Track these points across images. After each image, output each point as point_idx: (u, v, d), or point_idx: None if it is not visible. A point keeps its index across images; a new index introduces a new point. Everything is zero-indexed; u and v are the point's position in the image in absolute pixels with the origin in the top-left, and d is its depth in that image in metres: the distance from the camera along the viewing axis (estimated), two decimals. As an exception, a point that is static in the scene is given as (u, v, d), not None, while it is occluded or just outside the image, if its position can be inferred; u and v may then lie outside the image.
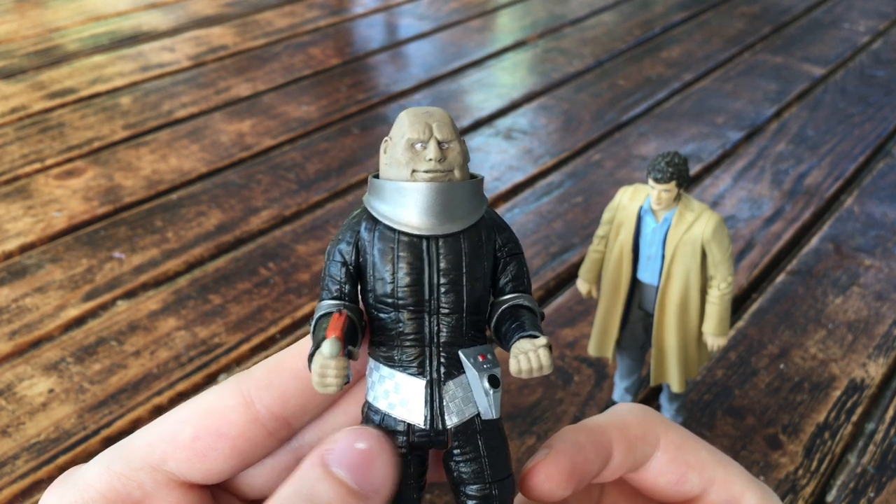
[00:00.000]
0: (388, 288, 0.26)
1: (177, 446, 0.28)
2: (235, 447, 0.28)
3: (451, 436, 0.26)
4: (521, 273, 0.27)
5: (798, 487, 0.62)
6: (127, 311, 0.79)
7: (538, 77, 1.39)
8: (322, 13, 1.66)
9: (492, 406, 0.26)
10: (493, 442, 0.27)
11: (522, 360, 0.25)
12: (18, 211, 0.95)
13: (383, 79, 1.39)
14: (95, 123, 1.17)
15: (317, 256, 0.88)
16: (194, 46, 1.47)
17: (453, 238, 0.26)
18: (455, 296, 0.26)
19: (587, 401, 0.69)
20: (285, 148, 1.12)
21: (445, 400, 0.26)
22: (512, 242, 0.27)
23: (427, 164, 0.26)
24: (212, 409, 0.28)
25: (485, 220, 0.27)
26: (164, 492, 0.28)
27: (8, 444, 0.65)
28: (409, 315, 0.26)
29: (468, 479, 0.27)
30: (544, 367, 0.24)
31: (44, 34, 1.50)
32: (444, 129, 0.26)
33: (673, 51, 1.50)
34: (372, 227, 0.26)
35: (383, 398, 0.27)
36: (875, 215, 0.99)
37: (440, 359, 0.26)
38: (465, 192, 0.26)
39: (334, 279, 0.27)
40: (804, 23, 1.65)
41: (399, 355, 0.26)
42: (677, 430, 0.29)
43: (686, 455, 0.29)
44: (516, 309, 0.27)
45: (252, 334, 0.76)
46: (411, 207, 0.26)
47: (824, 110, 1.27)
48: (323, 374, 0.24)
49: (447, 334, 0.26)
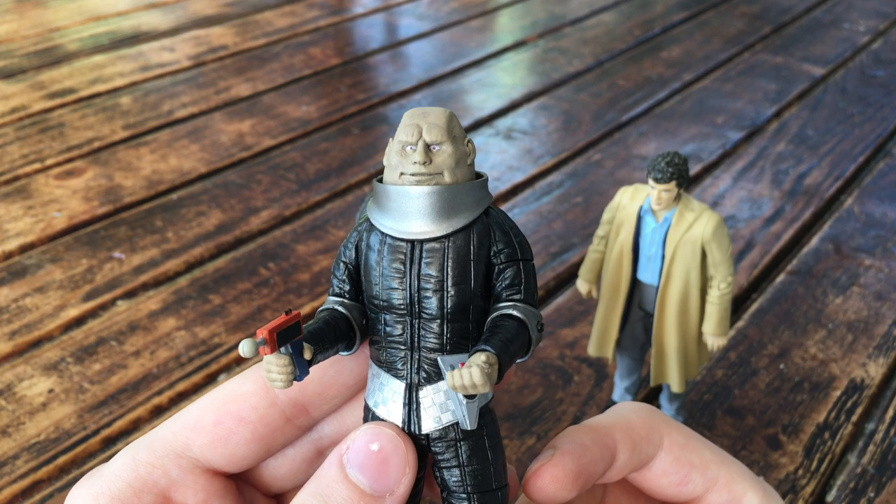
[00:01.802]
0: (374, 290, 0.26)
1: (199, 432, 0.28)
2: (256, 431, 0.28)
3: (431, 442, 0.26)
4: (517, 280, 0.26)
5: (798, 487, 0.62)
6: (127, 311, 0.79)
7: (538, 77, 1.39)
8: (322, 13, 1.66)
9: (466, 416, 0.25)
10: (476, 453, 0.26)
11: (456, 375, 0.23)
12: (18, 211, 0.95)
13: (383, 79, 1.39)
14: (95, 123, 1.17)
15: (317, 256, 0.88)
16: (194, 46, 1.47)
17: (438, 242, 0.25)
18: (437, 301, 0.25)
19: (587, 401, 0.69)
20: (285, 148, 1.12)
21: (423, 405, 0.26)
22: (510, 248, 0.26)
23: (413, 166, 0.25)
24: (232, 395, 0.29)
25: (482, 222, 0.26)
26: (190, 478, 0.28)
27: (8, 444, 0.65)
28: (394, 318, 0.26)
29: (450, 488, 0.26)
30: (477, 386, 0.23)
31: (44, 34, 1.50)
32: (434, 131, 0.26)
33: (673, 51, 1.50)
34: (369, 228, 0.26)
35: (372, 396, 0.27)
36: (875, 215, 0.99)
37: (421, 363, 0.26)
38: (455, 195, 0.26)
39: (337, 277, 0.27)
40: (804, 23, 1.65)
41: (385, 356, 0.26)
42: (681, 429, 0.29)
43: (689, 455, 0.29)
44: (500, 318, 0.26)
45: (252, 334, 0.76)
46: (398, 211, 0.26)
47: (824, 110, 1.27)
48: (268, 371, 0.24)
49: (429, 339, 0.26)
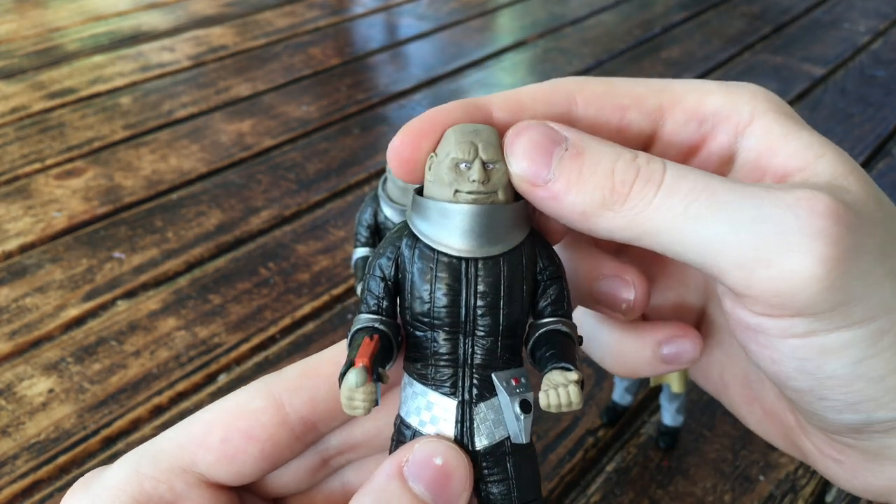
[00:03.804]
0: (425, 307, 0.26)
1: (206, 448, 0.28)
2: (264, 451, 0.28)
3: (481, 457, 0.26)
4: (561, 296, 0.27)
5: (798, 487, 0.62)
6: (127, 311, 0.79)
7: (538, 77, 1.39)
8: (322, 13, 1.66)
9: (522, 431, 0.25)
10: (523, 465, 0.26)
11: (552, 395, 0.24)
12: (18, 211, 0.95)
13: (383, 79, 1.39)
14: (95, 123, 1.17)
15: (317, 256, 0.88)
16: (194, 46, 1.47)
17: (493, 261, 0.25)
18: (491, 319, 0.26)
19: (587, 401, 0.69)
20: (285, 148, 1.12)
21: (476, 421, 0.26)
22: (554, 265, 0.27)
23: (471, 185, 0.25)
24: (242, 411, 0.28)
25: (528, 241, 0.26)
26: (195, 493, 0.28)
27: (8, 443, 0.65)
28: (444, 335, 0.26)
29: (495, 501, 0.26)
30: (574, 404, 0.24)
31: (44, 34, 1.50)
32: (490, 150, 0.25)
33: (673, 51, 1.50)
34: (413, 244, 0.26)
35: (415, 415, 0.27)
36: (875, 215, 0.99)
37: (473, 380, 0.26)
38: (509, 214, 0.26)
39: (373, 294, 0.27)
40: (804, 23, 1.65)
41: (433, 374, 0.26)
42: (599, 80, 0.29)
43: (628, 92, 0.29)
44: (553, 334, 0.26)
45: (252, 334, 0.76)
46: (453, 228, 0.25)
47: (824, 110, 1.27)
48: (351, 398, 0.24)
49: (481, 356, 0.26)
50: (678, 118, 0.28)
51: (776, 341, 0.25)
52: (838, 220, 0.24)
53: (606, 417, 0.66)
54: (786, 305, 0.24)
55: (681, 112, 0.28)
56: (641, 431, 0.66)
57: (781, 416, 0.32)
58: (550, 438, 0.65)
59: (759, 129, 0.28)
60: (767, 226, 0.24)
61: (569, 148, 0.25)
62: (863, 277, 0.24)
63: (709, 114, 0.28)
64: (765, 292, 0.24)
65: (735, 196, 0.24)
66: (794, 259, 0.23)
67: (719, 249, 0.24)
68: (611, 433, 0.66)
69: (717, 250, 0.24)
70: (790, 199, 0.24)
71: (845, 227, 0.24)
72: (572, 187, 0.25)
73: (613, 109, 0.28)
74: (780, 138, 0.27)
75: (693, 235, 0.24)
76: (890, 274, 0.25)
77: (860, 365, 0.25)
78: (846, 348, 0.24)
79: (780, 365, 0.26)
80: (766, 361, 0.26)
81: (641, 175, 0.25)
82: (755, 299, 0.24)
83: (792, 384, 0.26)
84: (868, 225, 0.25)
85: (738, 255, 0.24)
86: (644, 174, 0.25)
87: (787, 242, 0.23)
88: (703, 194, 0.24)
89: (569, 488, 0.61)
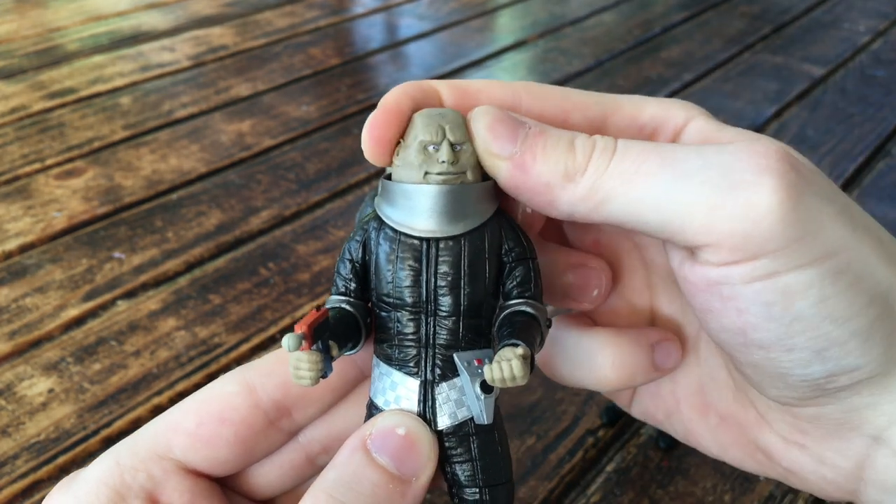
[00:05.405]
0: (388, 288, 0.26)
1: (181, 433, 0.28)
2: (238, 434, 0.29)
3: (445, 437, 0.26)
4: (528, 278, 0.27)
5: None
6: (127, 311, 0.79)
7: (538, 77, 1.39)
8: (322, 13, 1.66)
9: (483, 411, 0.26)
10: (488, 447, 0.27)
11: (495, 368, 0.24)
12: (18, 211, 0.95)
13: (383, 79, 1.39)
14: (95, 123, 1.17)
15: (317, 256, 0.88)
16: (194, 46, 1.47)
17: (454, 241, 0.26)
18: (452, 299, 0.26)
19: (587, 400, 0.69)
20: (285, 148, 1.12)
21: (439, 401, 0.26)
22: (521, 247, 0.27)
23: (440, 166, 0.26)
24: (215, 396, 0.29)
25: (494, 223, 0.27)
26: (175, 479, 0.28)
27: (8, 443, 0.65)
28: (407, 316, 0.26)
29: (461, 482, 0.27)
30: (518, 378, 0.24)
31: (44, 34, 1.50)
32: (457, 131, 0.26)
33: (673, 51, 1.50)
34: (378, 227, 0.27)
35: (381, 395, 0.27)
36: (875, 215, 0.98)
37: (436, 360, 0.26)
38: (474, 193, 0.26)
39: (342, 276, 0.27)
40: (804, 23, 1.65)
41: (397, 354, 0.27)
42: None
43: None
44: (515, 315, 0.26)
45: (252, 334, 0.76)
46: (416, 210, 0.26)
47: (824, 110, 1.27)
48: (297, 367, 0.24)
49: (444, 336, 0.26)
50: (619, 123, 0.30)
51: (741, 288, 0.26)
52: (781, 157, 0.26)
53: (606, 417, 0.66)
54: (746, 246, 0.25)
55: (620, 118, 0.30)
56: (641, 431, 0.66)
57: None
58: (550, 438, 0.65)
59: (695, 128, 0.30)
60: (716, 170, 0.25)
61: (532, 127, 0.27)
62: (814, 213, 0.25)
63: (647, 119, 0.30)
64: (723, 234, 0.25)
65: (682, 153, 0.26)
66: (746, 194, 0.25)
67: (675, 201, 0.25)
68: (611, 433, 0.66)
69: (672, 203, 0.26)
70: (732, 148, 0.26)
71: (789, 164, 0.26)
72: (538, 158, 0.26)
73: (557, 111, 0.30)
74: (716, 132, 0.29)
75: (647, 192, 0.26)
76: (841, 214, 0.26)
77: (824, 305, 0.26)
78: (809, 287, 0.25)
79: (746, 315, 0.27)
80: (732, 314, 0.27)
81: (598, 147, 0.27)
82: (716, 247, 0.26)
83: (759, 336, 0.27)
84: (809, 171, 0.27)
85: (693, 203, 0.25)
86: (600, 145, 0.27)
87: (736, 181, 0.25)
88: (652, 154, 0.26)
89: (569, 488, 0.61)
